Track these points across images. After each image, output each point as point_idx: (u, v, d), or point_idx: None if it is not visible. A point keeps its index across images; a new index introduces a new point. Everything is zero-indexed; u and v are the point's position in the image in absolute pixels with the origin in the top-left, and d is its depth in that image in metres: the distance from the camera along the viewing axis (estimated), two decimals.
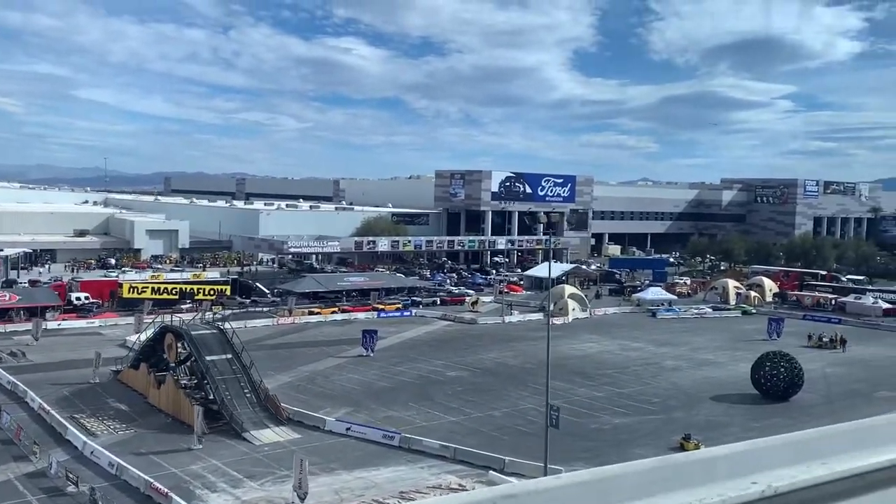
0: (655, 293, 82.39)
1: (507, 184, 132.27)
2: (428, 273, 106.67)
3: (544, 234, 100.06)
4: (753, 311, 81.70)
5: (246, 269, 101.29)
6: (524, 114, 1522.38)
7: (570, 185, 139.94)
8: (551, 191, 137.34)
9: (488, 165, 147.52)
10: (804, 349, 62.25)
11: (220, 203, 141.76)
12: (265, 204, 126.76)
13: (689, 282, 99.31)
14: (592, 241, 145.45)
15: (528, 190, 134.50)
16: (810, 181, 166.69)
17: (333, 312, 70.72)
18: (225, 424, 37.88)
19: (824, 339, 63.12)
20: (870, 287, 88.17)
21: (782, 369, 45.10)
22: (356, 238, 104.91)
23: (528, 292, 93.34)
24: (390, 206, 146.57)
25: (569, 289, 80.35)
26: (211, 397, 39.99)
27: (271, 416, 38.67)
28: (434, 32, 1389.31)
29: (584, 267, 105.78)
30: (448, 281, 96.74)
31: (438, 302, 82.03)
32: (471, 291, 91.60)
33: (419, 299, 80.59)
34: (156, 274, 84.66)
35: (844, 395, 47.37)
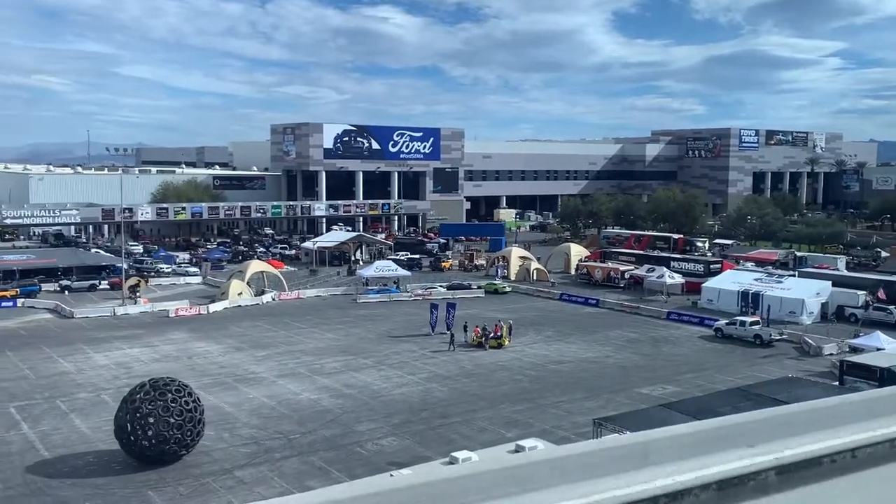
0: (381, 268, 62.39)
1: (346, 139, 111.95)
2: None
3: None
4: (508, 288, 61.50)
5: None
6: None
7: (432, 139, 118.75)
8: (407, 146, 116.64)
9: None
10: (452, 348, 42.31)
11: None
12: (50, 168, 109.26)
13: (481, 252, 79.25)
14: (468, 206, 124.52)
15: (376, 146, 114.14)
16: (747, 130, 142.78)
17: None
18: None
19: (488, 334, 42.97)
20: (689, 257, 66.17)
21: (160, 411, 25.41)
22: (105, 207, 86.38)
23: (292, 269, 74.53)
24: (255, 168, 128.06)
25: (256, 266, 61.01)
26: None
27: None
28: None
29: (369, 235, 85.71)
30: (183, 258, 77.95)
31: (106, 285, 63.72)
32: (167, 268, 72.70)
33: (69, 283, 62.27)
34: None
35: (321, 446, 27.57)
